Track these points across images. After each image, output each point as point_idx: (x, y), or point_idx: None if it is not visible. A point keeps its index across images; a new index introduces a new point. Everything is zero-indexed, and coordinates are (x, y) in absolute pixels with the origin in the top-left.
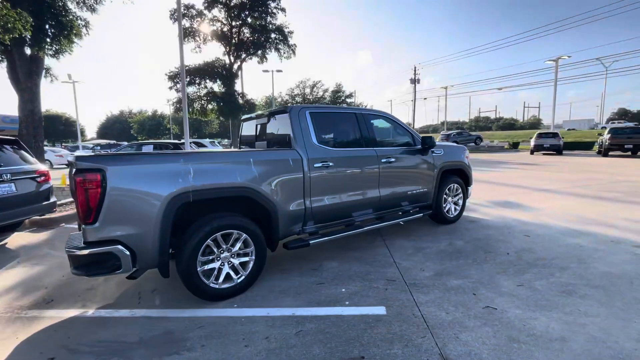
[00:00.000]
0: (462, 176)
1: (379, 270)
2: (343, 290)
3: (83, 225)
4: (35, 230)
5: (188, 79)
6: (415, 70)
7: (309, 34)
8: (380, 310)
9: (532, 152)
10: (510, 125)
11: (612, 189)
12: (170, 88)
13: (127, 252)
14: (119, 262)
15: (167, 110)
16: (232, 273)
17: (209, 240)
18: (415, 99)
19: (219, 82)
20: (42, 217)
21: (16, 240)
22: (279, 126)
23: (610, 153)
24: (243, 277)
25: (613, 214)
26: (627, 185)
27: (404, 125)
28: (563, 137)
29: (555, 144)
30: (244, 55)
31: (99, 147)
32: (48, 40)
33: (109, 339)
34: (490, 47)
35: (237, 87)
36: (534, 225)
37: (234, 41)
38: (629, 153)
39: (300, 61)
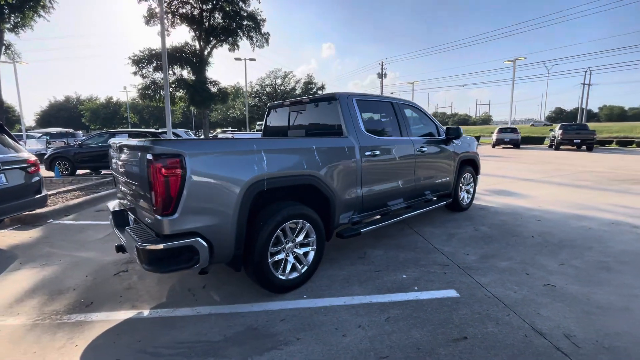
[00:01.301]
0: (473, 166)
1: (425, 256)
2: (404, 276)
3: (159, 217)
4: (20, 228)
5: (154, 64)
6: (382, 65)
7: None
8: (452, 293)
9: (493, 146)
10: (464, 121)
11: (580, 178)
12: (135, 73)
13: (206, 245)
14: (197, 256)
15: (124, 97)
16: (296, 264)
17: (278, 231)
18: (382, 93)
19: (188, 68)
20: (26, 213)
21: (2, 240)
22: (323, 114)
23: (561, 147)
24: (306, 267)
25: (596, 200)
26: (591, 175)
27: (430, 115)
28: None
29: (514, 138)
30: (214, 42)
31: (47, 137)
32: (7, 10)
33: (188, 339)
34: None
35: (209, 75)
36: (538, 211)
37: (204, 26)
38: (575, 147)
39: (265, 51)
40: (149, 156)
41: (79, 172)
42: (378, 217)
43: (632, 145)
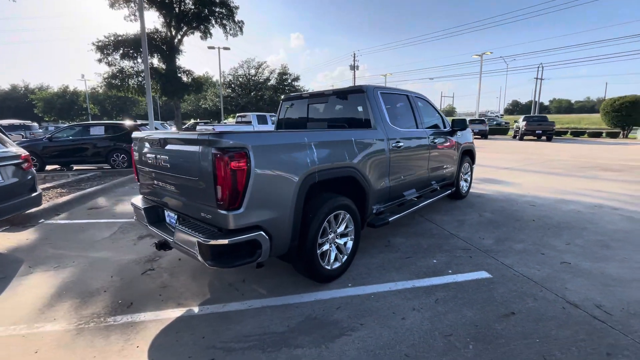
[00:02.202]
0: (471, 156)
1: (446, 242)
2: (435, 261)
3: (224, 212)
4: (10, 229)
5: (121, 51)
6: (354, 57)
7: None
8: (484, 274)
9: None
10: None
11: (552, 166)
12: (100, 61)
13: (268, 238)
14: (260, 250)
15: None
16: (338, 254)
17: (325, 222)
18: (354, 84)
19: (158, 56)
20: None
21: None
22: (348, 106)
23: (525, 137)
24: (345, 257)
25: (574, 185)
26: (560, 163)
27: (436, 107)
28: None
29: (482, 129)
30: (185, 29)
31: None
32: None
33: (253, 332)
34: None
35: (181, 64)
36: (529, 197)
37: (174, 12)
38: (536, 137)
39: (232, 40)
40: (214, 150)
41: (48, 167)
42: (396, 207)
43: (584, 135)
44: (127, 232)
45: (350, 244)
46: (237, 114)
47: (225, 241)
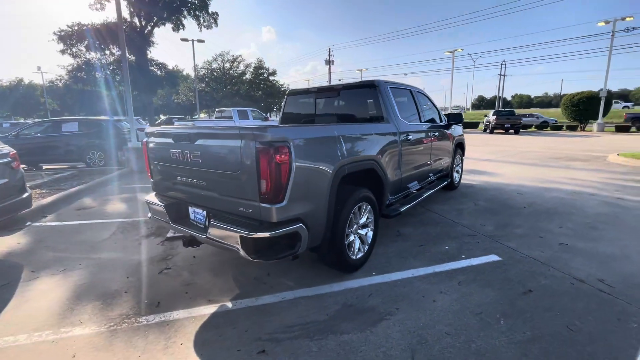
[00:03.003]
0: (462, 148)
1: (451, 229)
2: (447, 247)
3: (267, 205)
4: None
5: (87, 41)
6: (329, 52)
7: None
8: (495, 257)
9: None
10: None
11: (526, 157)
12: (64, 52)
13: (306, 230)
14: (299, 242)
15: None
16: (361, 244)
17: (351, 214)
18: (330, 80)
19: (127, 48)
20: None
21: None
22: (359, 101)
23: (495, 131)
24: (367, 247)
25: (550, 175)
26: (533, 154)
27: (433, 102)
28: None
29: None
30: (156, 19)
31: None
32: None
33: (295, 322)
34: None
35: (154, 57)
36: (514, 186)
37: (145, 0)
38: (504, 131)
39: (204, 32)
40: (258, 144)
41: None
42: (402, 199)
43: (547, 128)
44: (128, 233)
45: (370, 234)
46: (217, 109)
47: (269, 234)
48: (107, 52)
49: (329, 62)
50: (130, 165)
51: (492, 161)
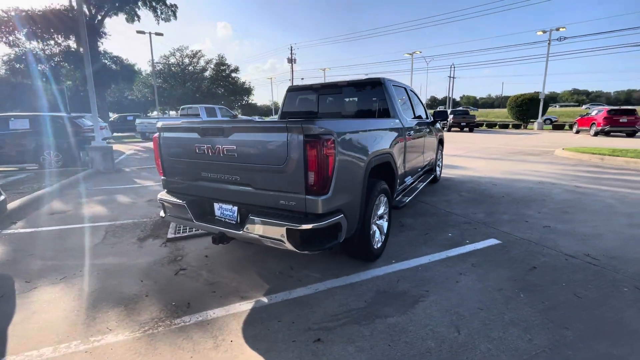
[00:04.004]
0: (442, 144)
1: (447, 218)
2: (450, 234)
3: (313, 197)
4: None
5: (25, 30)
6: (292, 50)
7: None
8: (495, 241)
9: None
10: None
11: (489, 152)
12: None
13: (346, 221)
14: (340, 233)
15: None
16: (380, 234)
17: (374, 205)
18: (292, 78)
19: (73, 38)
20: None
21: None
22: (365, 97)
23: (452, 129)
24: (384, 236)
25: (514, 168)
26: (493, 150)
27: (421, 99)
28: None
29: None
30: (107, 8)
31: None
32: None
33: (338, 311)
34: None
35: (109, 49)
36: (487, 178)
37: None
38: (460, 129)
39: (149, 25)
40: (306, 137)
41: None
42: (400, 191)
43: (496, 127)
44: (121, 236)
45: (385, 225)
46: (182, 107)
47: (317, 225)
48: (52, 42)
49: (291, 61)
50: (95, 166)
51: (460, 156)
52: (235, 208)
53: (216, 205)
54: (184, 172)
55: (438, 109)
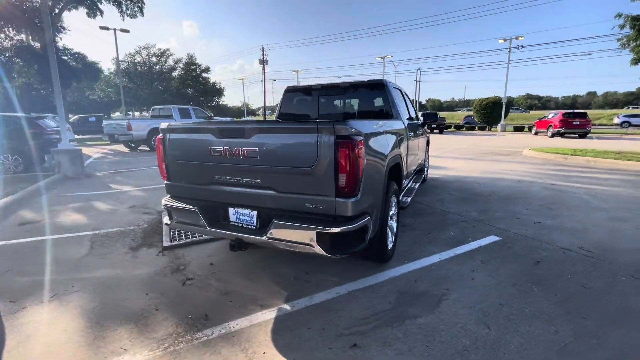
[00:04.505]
0: (428, 145)
1: (445, 217)
2: (452, 233)
3: (343, 199)
4: None
5: None
6: (263, 51)
7: None
8: (495, 238)
9: None
10: None
11: (464, 153)
12: None
13: (371, 223)
14: (367, 235)
15: None
16: (391, 236)
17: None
18: (264, 79)
19: (27, 32)
20: None
21: None
22: (365, 99)
23: None
24: (394, 237)
25: (491, 167)
26: (466, 150)
27: (411, 100)
28: None
29: None
30: (65, 0)
31: None
32: None
33: (365, 314)
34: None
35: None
36: (471, 178)
37: None
38: (431, 131)
39: (111, 21)
40: (338, 138)
41: None
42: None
43: (463, 128)
44: (110, 246)
45: (394, 225)
46: (153, 107)
47: (347, 228)
48: (2, 35)
49: (263, 62)
50: (63, 171)
51: (439, 157)
52: (254, 213)
53: (231, 210)
54: (194, 176)
55: (427, 111)
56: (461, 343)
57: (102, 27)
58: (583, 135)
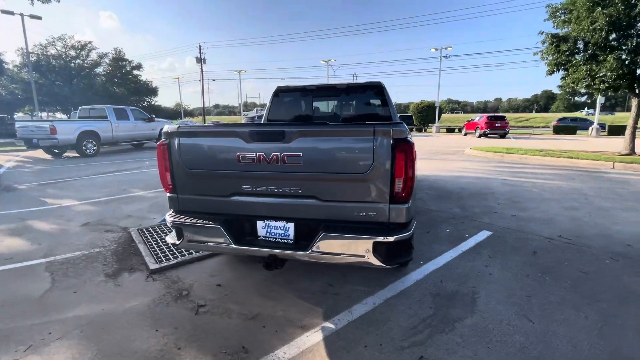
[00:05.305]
0: None
1: (432, 214)
2: (448, 230)
3: (399, 205)
4: None
5: None
6: (200, 49)
7: None
8: (488, 232)
9: None
10: None
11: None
12: None
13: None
14: (413, 242)
15: None
16: None
17: None
18: (202, 78)
19: None
20: None
21: None
22: (362, 101)
23: None
24: None
25: (446, 166)
26: (418, 150)
27: None
28: None
29: None
30: None
31: None
32: None
33: (413, 323)
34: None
35: None
36: (434, 176)
37: None
38: None
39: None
40: (395, 141)
41: None
42: None
43: (413, 130)
44: (78, 275)
45: None
46: (81, 107)
47: (403, 235)
48: None
49: (200, 60)
50: None
51: None
52: (290, 225)
53: (260, 224)
54: (213, 187)
55: (403, 114)
56: (516, 340)
57: (4, 11)
58: (503, 136)
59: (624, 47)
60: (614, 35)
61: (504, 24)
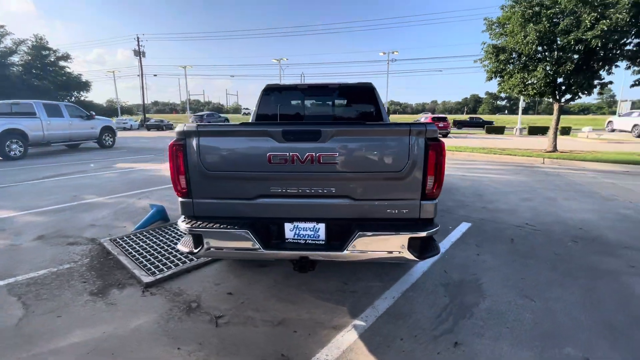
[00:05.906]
0: None
1: None
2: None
3: (430, 202)
4: None
5: None
6: (139, 41)
7: None
8: (467, 224)
9: None
10: (219, 109)
11: None
12: None
13: None
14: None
15: None
16: None
17: None
18: (142, 73)
19: None
20: None
21: None
22: (354, 101)
23: None
24: None
25: None
26: None
27: None
28: None
29: None
30: None
31: None
32: None
33: (436, 312)
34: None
35: None
36: None
37: None
38: None
39: None
40: (429, 139)
41: None
42: None
43: None
44: (56, 297)
45: None
46: (2, 101)
47: (434, 230)
48: None
49: (139, 53)
50: None
51: None
52: (321, 225)
53: (288, 226)
54: (237, 189)
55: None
56: (527, 317)
57: None
58: (445, 135)
59: (548, 59)
60: (540, 49)
61: (443, 32)
